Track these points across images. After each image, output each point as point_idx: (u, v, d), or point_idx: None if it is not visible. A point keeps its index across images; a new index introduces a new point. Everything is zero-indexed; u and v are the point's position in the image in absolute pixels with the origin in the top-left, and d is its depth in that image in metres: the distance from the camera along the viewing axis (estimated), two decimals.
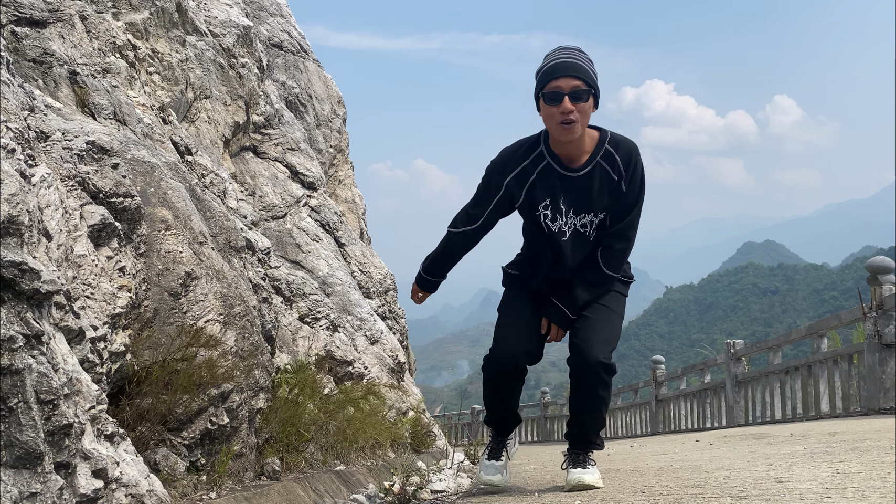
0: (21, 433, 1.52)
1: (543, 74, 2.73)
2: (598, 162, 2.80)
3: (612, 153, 2.80)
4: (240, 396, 3.02)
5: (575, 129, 2.69)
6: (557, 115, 2.68)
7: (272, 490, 2.92)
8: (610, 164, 2.79)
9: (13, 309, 1.57)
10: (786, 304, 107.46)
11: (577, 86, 2.67)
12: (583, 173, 2.80)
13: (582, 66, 2.70)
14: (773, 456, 3.42)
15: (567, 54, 2.73)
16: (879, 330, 7.15)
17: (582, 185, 2.81)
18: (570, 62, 2.70)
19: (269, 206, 7.20)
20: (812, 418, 8.13)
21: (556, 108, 2.68)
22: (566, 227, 2.87)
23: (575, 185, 2.82)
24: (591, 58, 2.78)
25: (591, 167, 2.80)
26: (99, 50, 4.12)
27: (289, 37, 9.83)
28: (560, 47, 2.80)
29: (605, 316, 2.89)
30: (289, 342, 5.83)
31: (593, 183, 2.80)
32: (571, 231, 2.87)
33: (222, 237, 3.63)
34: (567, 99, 2.65)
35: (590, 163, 2.80)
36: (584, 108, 2.69)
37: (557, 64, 2.70)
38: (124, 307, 2.46)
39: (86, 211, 2.44)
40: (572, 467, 2.83)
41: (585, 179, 2.80)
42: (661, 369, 13.52)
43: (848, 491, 2.08)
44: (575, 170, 2.81)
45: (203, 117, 5.90)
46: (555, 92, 2.67)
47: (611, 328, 2.88)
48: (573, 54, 2.74)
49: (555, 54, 2.76)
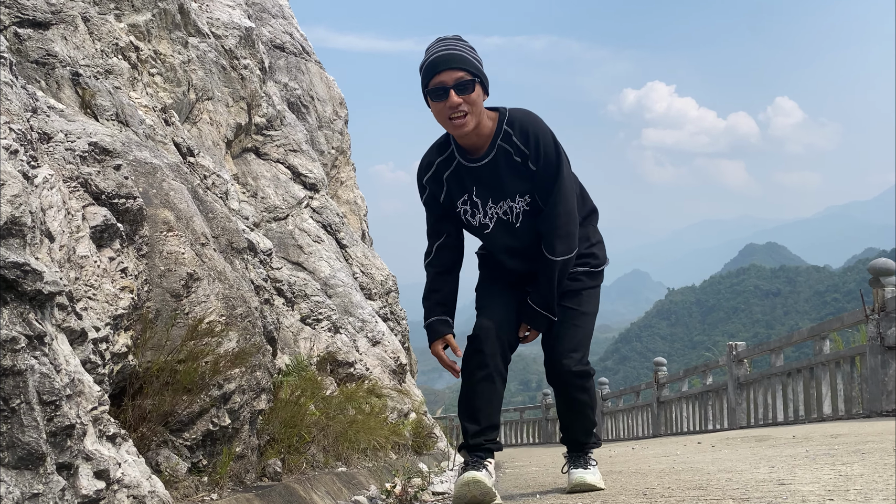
0: (23, 434, 1.52)
1: (425, 71, 2.63)
2: (498, 146, 2.70)
3: (509, 133, 2.69)
4: (241, 397, 3.02)
5: (467, 122, 2.60)
6: (446, 110, 2.59)
7: (274, 491, 2.92)
8: (510, 145, 2.69)
9: (15, 310, 1.57)
10: (788, 306, 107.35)
11: (460, 77, 2.57)
12: (486, 161, 2.72)
13: (462, 56, 2.60)
14: (776, 458, 3.42)
15: (446, 46, 2.63)
16: (882, 332, 7.14)
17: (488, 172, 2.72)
18: (449, 54, 2.60)
19: (271, 207, 7.21)
20: (814, 420, 8.12)
21: (444, 104, 2.59)
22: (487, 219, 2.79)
23: (482, 174, 2.73)
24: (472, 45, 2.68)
25: (494, 153, 2.71)
26: (101, 51, 4.13)
27: (291, 38, 9.85)
28: (438, 39, 2.70)
29: (573, 320, 2.81)
30: (290, 343, 5.83)
31: (498, 168, 2.71)
32: (495, 221, 2.78)
33: (224, 238, 3.63)
34: (453, 93, 2.57)
35: (491, 149, 2.71)
36: (473, 99, 2.59)
37: (437, 58, 2.60)
38: (126, 308, 2.46)
39: (88, 212, 2.44)
40: (573, 468, 2.84)
41: (490, 166, 2.72)
42: (662, 371, 13.51)
43: (850, 493, 2.07)
44: (478, 159, 2.73)
45: (205, 119, 5.91)
46: (439, 87, 2.58)
47: (580, 332, 2.82)
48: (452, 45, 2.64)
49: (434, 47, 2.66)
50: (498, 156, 2.71)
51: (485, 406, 2.72)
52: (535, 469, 4.83)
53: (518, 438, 19.97)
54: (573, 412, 2.87)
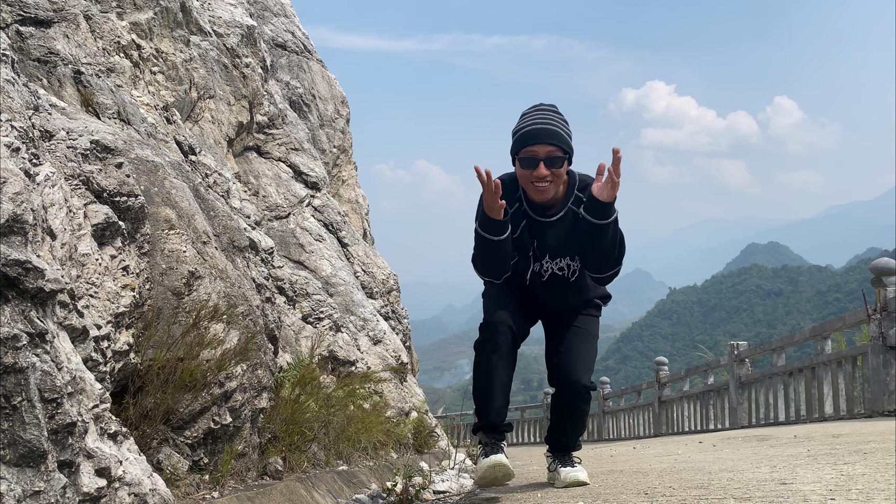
0: (25, 431, 1.52)
1: (520, 138, 2.78)
2: (569, 208, 2.88)
3: (580, 198, 2.85)
4: (243, 396, 3.02)
5: (548, 191, 2.79)
6: (532, 177, 2.76)
7: (275, 490, 2.92)
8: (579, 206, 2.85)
9: (17, 307, 1.57)
10: (790, 306, 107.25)
11: (552, 152, 2.74)
12: (555, 219, 2.88)
13: (558, 133, 2.76)
14: (777, 458, 3.41)
15: (544, 119, 2.78)
16: (884, 332, 7.13)
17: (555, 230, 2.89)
18: (546, 129, 2.75)
19: (273, 205, 7.21)
20: (816, 420, 8.12)
21: (531, 172, 2.76)
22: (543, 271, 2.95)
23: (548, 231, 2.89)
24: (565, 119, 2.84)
25: (564, 212, 2.88)
26: (103, 49, 4.13)
27: (293, 37, 9.85)
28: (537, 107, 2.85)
29: (585, 340, 3.01)
30: (292, 342, 5.83)
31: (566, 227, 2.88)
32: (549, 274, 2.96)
33: (226, 237, 3.63)
34: (542, 165, 2.73)
35: (562, 209, 2.88)
36: (559, 173, 2.77)
37: (534, 130, 2.75)
38: (128, 306, 2.46)
39: (90, 210, 2.44)
40: (562, 466, 3.05)
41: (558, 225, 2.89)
42: (664, 371, 13.50)
43: (852, 493, 2.07)
44: (548, 216, 2.89)
45: (207, 117, 5.91)
46: (531, 157, 2.75)
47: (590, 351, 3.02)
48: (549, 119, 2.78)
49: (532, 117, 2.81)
50: (567, 217, 2.88)
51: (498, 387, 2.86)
52: (535, 468, 4.83)
53: (519, 437, 19.97)
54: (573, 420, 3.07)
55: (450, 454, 7.21)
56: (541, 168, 2.73)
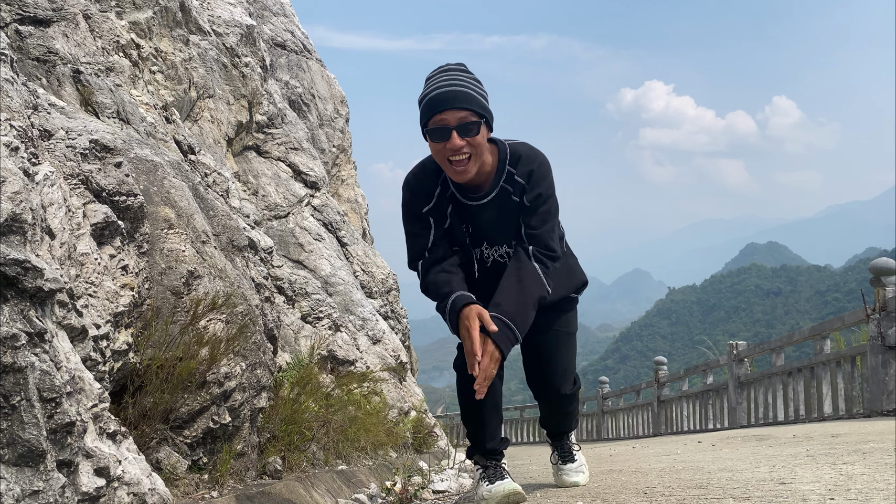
0: (23, 431, 1.52)
1: (426, 106, 2.39)
2: (501, 186, 2.52)
3: (512, 173, 2.51)
4: (242, 395, 3.02)
5: (468, 169, 2.40)
6: (446, 151, 2.37)
7: (274, 489, 2.92)
8: (511, 185, 2.52)
9: (16, 307, 1.57)
10: (789, 306, 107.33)
11: (464, 117, 2.35)
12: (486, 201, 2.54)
13: (469, 94, 2.37)
14: (776, 457, 3.41)
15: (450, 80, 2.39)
16: (882, 332, 7.13)
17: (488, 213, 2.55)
18: (454, 91, 2.36)
19: (272, 205, 7.21)
20: (815, 420, 8.12)
21: (444, 145, 2.37)
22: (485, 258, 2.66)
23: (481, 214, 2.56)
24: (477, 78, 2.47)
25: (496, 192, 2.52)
26: (102, 49, 4.13)
27: (292, 36, 9.84)
28: (442, 69, 2.45)
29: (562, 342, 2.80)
30: (291, 341, 5.83)
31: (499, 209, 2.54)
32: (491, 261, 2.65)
33: (225, 236, 3.63)
34: (455, 134, 2.35)
35: (493, 188, 2.52)
36: (477, 141, 2.38)
37: (440, 94, 2.36)
38: (127, 305, 2.46)
39: (89, 209, 2.44)
40: (562, 463, 3.06)
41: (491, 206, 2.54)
42: (663, 370, 13.51)
43: (851, 493, 2.07)
44: (478, 197, 2.54)
45: (206, 116, 5.91)
46: (441, 128, 2.36)
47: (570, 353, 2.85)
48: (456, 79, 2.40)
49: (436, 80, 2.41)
50: (499, 197, 2.54)
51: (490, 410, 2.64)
52: (534, 468, 4.83)
53: (518, 437, 19.97)
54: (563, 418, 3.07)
55: (449, 454, 7.21)
56: (454, 139, 2.34)
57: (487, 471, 2.62)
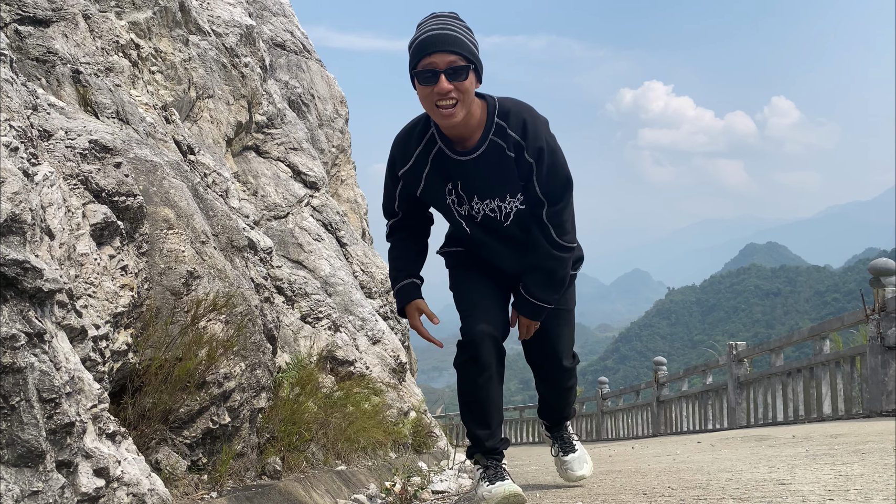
0: (23, 431, 1.52)
1: (415, 49, 2.38)
2: (490, 140, 2.48)
3: (503, 127, 2.47)
4: (241, 396, 3.02)
5: (455, 112, 2.37)
6: (434, 95, 2.35)
7: (273, 490, 2.92)
8: (503, 139, 2.48)
9: (15, 307, 1.57)
10: (788, 306, 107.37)
11: (453, 61, 2.33)
12: (475, 156, 2.50)
13: (458, 38, 2.36)
14: (775, 458, 3.41)
15: (441, 24, 2.38)
16: (882, 332, 7.14)
17: (476, 169, 2.51)
18: (444, 34, 2.34)
19: (272, 205, 7.21)
20: (814, 420, 8.12)
21: (432, 89, 2.35)
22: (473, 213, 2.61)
23: (469, 170, 2.52)
24: (468, 26, 2.45)
25: (485, 146, 2.49)
26: (102, 49, 4.13)
27: (291, 36, 9.84)
28: (433, 15, 2.45)
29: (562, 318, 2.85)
30: (290, 342, 5.83)
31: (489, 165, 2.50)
32: (481, 216, 2.60)
33: (224, 236, 3.63)
34: (443, 78, 2.33)
35: (482, 142, 2.48)
36: (465, 86, 2.36)
37: (430, 37, 2.35)
38: (126, 306, 2.46)
39: (88, 210, 2.44)
40: (563, 454, 3.12)
41: (479, 162, 2.50)
42: (662, 371, 13.51)
43: (850, 493, 2.07)
44: (467, 152, 2.50)
45: (206, 117, 5.91)
46: (428, 70, 2.34)
47: (570, 329, 2.93)
48: (447, 23, 2.39)
49: (427, 24, 2.40)
50: (489, 151, 2.49)
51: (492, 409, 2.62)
52: (534, 468, 4.83)
53: (518, 437, 19.97)
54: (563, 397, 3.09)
55: (449, 454, 7.21)
56: (442, 82, 2.32)
57: (488, 471, 2.60)
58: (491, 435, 2.64)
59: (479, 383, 2.57)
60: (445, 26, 2.38)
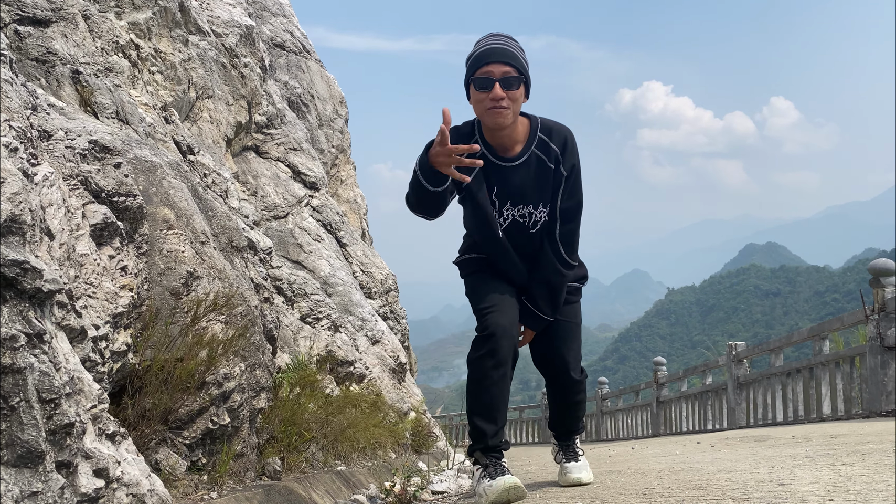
0: (23, 432, 1.52)
1: (474, 60, 2.67)
2: (533, 151, 2.75)
3: (545, 141, 2.76)
4: (241, 396, 3.02)
5: (506, 115, 2.64)
6: (487, 101, 2.62)
7: (273, 490, 2.92)
8: (545, 152, 2.75)
9: (15, 308, 1.57)
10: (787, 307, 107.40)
11: (507, 72, 2.62)
12: (518, 163, 2.75)
13: (513, 53, 2.66)
14: (775, 458, 3.41)
15: (498, 41, 2.69)
16: (881, 332, 7.14)
17: (517, 175, 2.75)
18: (501, 48, 2.65)
19: (271, 205, 7.21)
20: (813, 420, 8.12)
21: (487, 95, 2.62)
22: (502, 219, 2.81)
23: (510, 175, 2.76)
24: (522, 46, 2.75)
25: (527, 156, 2.75)
26: (101, 49, 4.13)
27: (291, 37, 9.84)
28: (491, 34, 2.76)
29: (571, 332, 2.99)
30: (290, 342, 5.83)
31: (529, 173, 2.75)
32: (508, 222, 2.81)
33: (224, 237, 3.63)
34: (498, 85, 2.61)
35: (525, 152, 2.75)
36: (516, 96, 2.65)
37: (488, 49, 2.65)
38: (126, 306, 2.46)
39: (88, 210, 2.44)
40: (566, 461, 3.11)
41: (521, 169, 2.75)
42: (662, 371, 13.51)
43: (850, 494, 2.07)
44: (509, 159, 2.75)
45: (205, 117, 5.91)
46: (485, 78, 2.62)
47: (578, 342, 3.04)
48: (504, 41, 2.69)
49: (486, 40, 2.71)
50: (530, 161, 2.75)
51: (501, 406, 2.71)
52: (534, 468, 4.83)
53: (517, 437, 19.98)
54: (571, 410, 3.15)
55: (448, 454, 7.22)
56: (496, 89, 2.60)
57: (487, 469, 2.66)
58: (496, 432, 2.70)
59: (494, 377, 2.65)
60: (502, 42, 2.69)
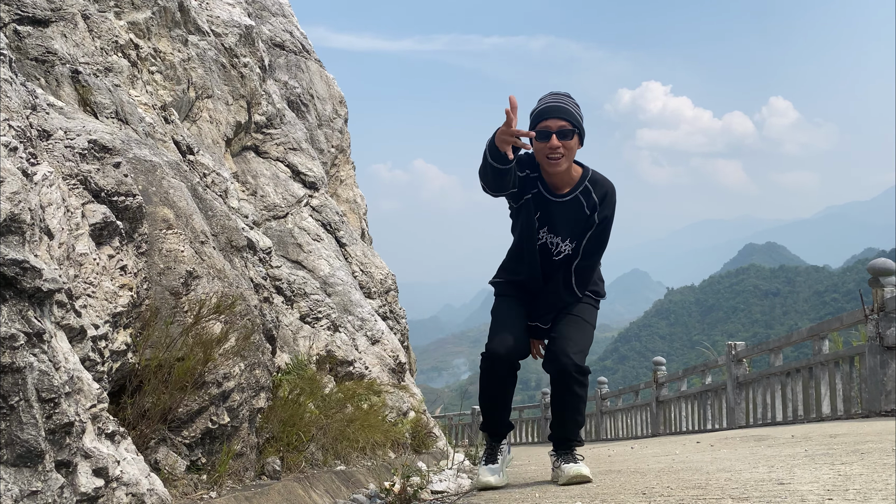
0: (22, 431, 1.52)
1: (536, 115, 3.16)
2: (577, 195, 3.24)
3: (589, 189, 3.24)
4: (241, 396, 3.02)
5: (560, 163, 3.13)
6: (546, 149, 3.11)
7: (273, 490, 2.92)
8: (586, 199, 3.24)
9: (14, 307, 1.57)
10: (787, 306, 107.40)
11: (563, 126, 3.10)
12: (563, 200, 3.24)
13: (569, 110, 3.14)
14: (775, 458, 3.42)
15: (556, 99, 3.18)
16: (881, 332, 7.14)
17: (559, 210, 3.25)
18: (558, 106, 3.14)
19: (271, 205, 7.20)
20: (813, 420, 8.13)
21: (545, 144, 3.10)
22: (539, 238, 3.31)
23: (554, 209, 3.25)
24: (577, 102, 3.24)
25: (571, 198, 3.24)
26: (101, 49, 4.13)
27: (291, 37, 9.84)
28: (552, 93, 3.25)
29: (578, 325, 3.28)
30: (290, 342, 5.83)
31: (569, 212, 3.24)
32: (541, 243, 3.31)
33: (224, 237, 3.63)
34: (554, 137, 3.09)
35: (570, 194, 3.25)
36: (570, 145, 3.13)
37: (548, 107, 3.14)
38: (125, 306, 2.46)
39: (87, 209, 2.44)
40: (564, 463, 3.20)
41: (564, 207, 3.24)
42: (661, 371, 13.51)
43: (849, 493, 2.07)
44: (558, 196, 3.25)
45: (205, 117, 5.91)
46: (544, 131, 3.10)
47: (584, 337, 3.28)
48: (562, 99, 3.18)
49: (547, 99, 3.21)
50: (573, 202, 3.24)
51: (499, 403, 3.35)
52: (534, 468, 4.83)
53: (517, 437, 19.98)
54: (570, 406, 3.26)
55: (448, 454, 7.22)
56: (553, 139, 3.08)
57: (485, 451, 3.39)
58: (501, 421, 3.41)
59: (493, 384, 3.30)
60: (560, 101, 3.17)
